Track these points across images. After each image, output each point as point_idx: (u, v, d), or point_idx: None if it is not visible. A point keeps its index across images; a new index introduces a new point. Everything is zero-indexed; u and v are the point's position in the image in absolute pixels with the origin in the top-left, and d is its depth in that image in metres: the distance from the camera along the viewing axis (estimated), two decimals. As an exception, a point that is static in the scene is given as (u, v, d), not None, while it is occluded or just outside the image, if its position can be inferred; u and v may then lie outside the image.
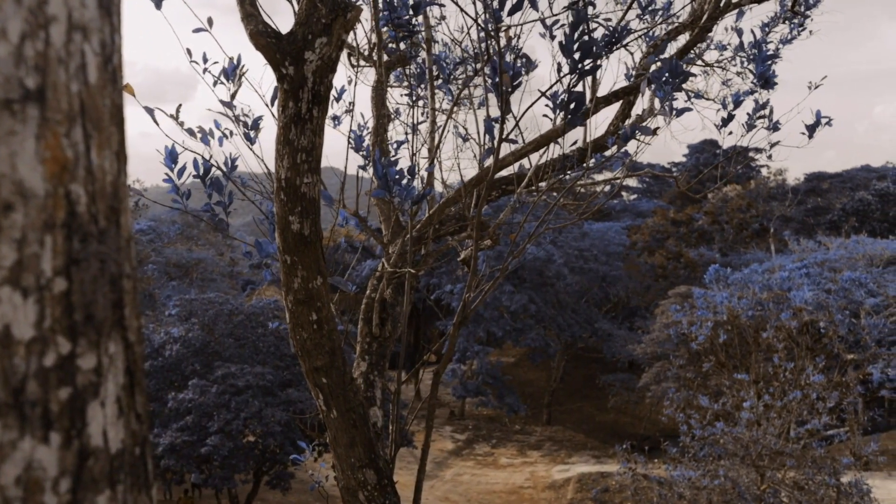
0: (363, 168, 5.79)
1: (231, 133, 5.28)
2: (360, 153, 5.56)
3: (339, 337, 4.07)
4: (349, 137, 5.08)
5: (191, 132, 4.94)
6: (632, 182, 75.49)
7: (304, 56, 3.38)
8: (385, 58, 6.15)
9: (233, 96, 5.05)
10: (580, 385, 53.69)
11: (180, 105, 4.97)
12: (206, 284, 51.44)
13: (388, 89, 6.30)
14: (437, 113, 6.29)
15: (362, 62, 6.79)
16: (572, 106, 3.86)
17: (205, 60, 5.43)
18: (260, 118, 5.36)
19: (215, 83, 5.37)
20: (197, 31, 5.07)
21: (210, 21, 5.05)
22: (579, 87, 3.96)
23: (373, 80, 6.09)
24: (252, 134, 5.12)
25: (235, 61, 5.03)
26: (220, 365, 26.98)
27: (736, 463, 18.46)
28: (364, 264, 46.92)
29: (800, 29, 6.50)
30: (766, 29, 6.39)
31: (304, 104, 3.43)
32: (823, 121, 4.84)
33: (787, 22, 6.57)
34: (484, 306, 44.50)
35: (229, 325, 29.82)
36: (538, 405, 49.78)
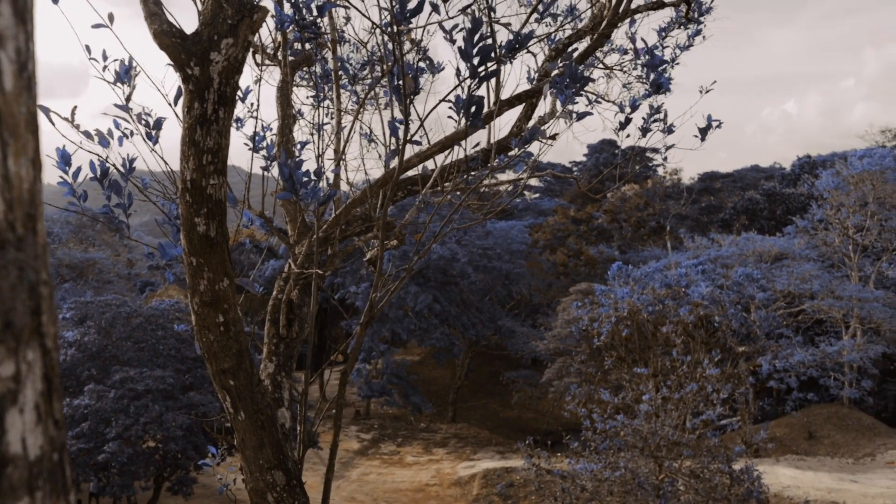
0: (266, 169, 5.73)
1: (131, 133, 5.15)
2: (262, 154, 5.51)
3: (247, 339, 4.05)
4: (252, 138, 5.03)
5: (88, 135, 4.80)
6: (534, 181, 76.64)
7: (209, 57, 3.34)
8: (290, 58, 6.11)
9: (128, 99, 4.91)
10: (484, 382, 54.22)
11: (76, 107, 4.81)
12: (103, 286, 49.80)
13: (294, 89, 6.27)
14: (342, 113, 6.28)
15: (267, 61, 6.73)
16: (473, 109, 3.93)
17: (104, 58, 5.26)
18: (162, 119, 5.23)
19: (115, 82, 5.23)
20: (97, 27, 4.92)
21: (111, 17, 4.91)
22: (481, 91, 4.04)
23: (278, 80, 6.04)
24: (154, 134, 5.00)
25: (128, 63, 4.90)
26: (118, 369, 26.20)
27: (635, 454, 18.96)
28: (267, 264, 46.26)
29: (695, 36, 6.75)
30: (663, 34, 6.61)
31: (209, 105, 3.40)
32: (714, 124, 5.06)
33: (683, 28, 6.82)
34: (389, 306, 44.44)
35: (127, 327, 28.98)
36: (443, 403, 50.06)
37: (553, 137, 4.37)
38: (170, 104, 4.91)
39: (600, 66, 7.31)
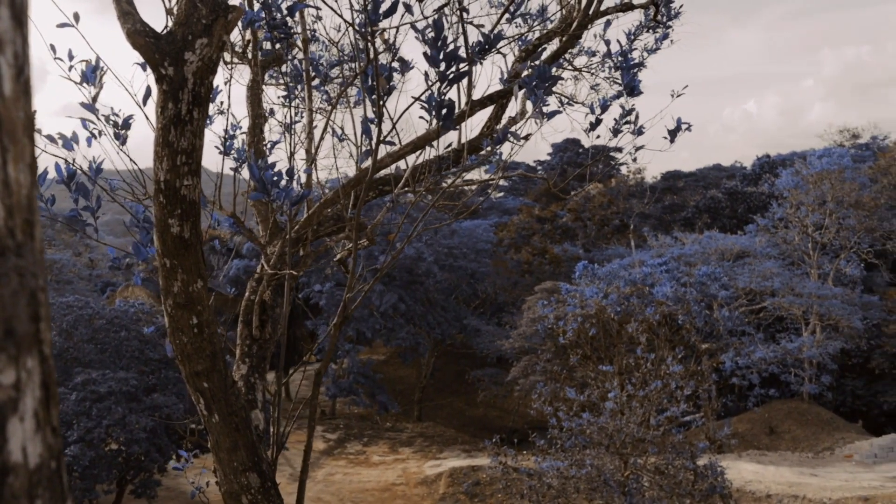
0: (235, 170, 5.68)
1: (99, 133, 5.07)
2: (232, 155, 5.47)
3: (220, 340, 4.01)
4: (224, 140, 4.99)
5: (51, 139, 4.72)
6: (500, 181, 76.69)
7: (183, 57, 3.31)
8: (260, 57, 6.06)
9: (94, 99, 4.84)
10: (450, 381, 54.25)
11: (35, 111, 4.73)
12: (63, 287, 49.08)
13: (264, 88, 6.22)
14: (313, 113, 6.24)
15: (236, 60, 6.67)
16: (444, 112, 3.93)
17: (70, 58, 5.18)
18: (130, 117, 5.16)
19: (81, 81, 5.15)
20: (62, 26, 4.85)
21: (76, 16, 4.85)
22: (453, 92, 4.04)
23: (248, 80, 6.00)
24: (122, 134, 4.93)
25: (94, 63, 4.83)
26: (80, 371, 25.86)
27: (601, 451, 19.09)
28: (231, 264, 45.91)
29: (663, 39, 6.82)
30: (632, 37, 6.67)
31: (184, 105, 3.36)
32: (683, 126, 5.12)
33: (650, 31, 6.88)
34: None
35: (89, 329, 28.59)
36: (409, 402, 49.99)
37: (526, 138, 4.39)
38: (138, 104, 4.85)
39: (569, 67, 7.36)
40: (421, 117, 4.43)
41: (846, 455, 35.70)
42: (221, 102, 5.59)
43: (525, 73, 5.60)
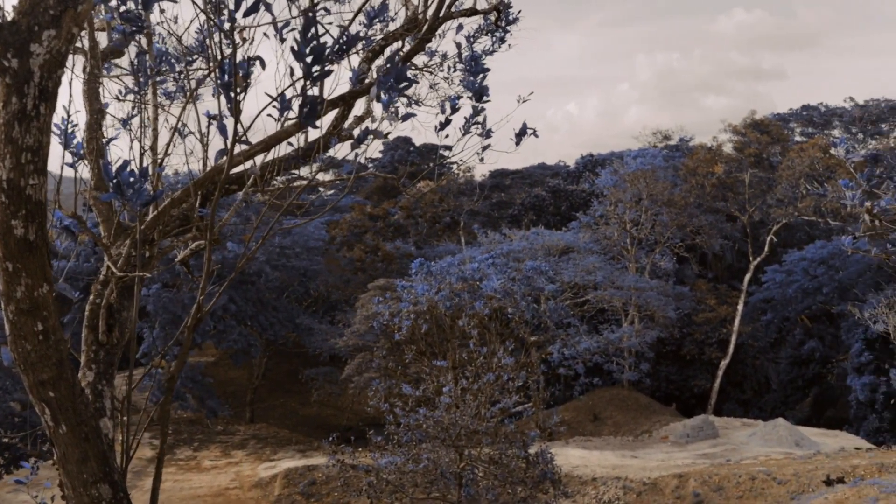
0: (72, 166, 5.41)
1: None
2: (70, 149, 5.21)
3: (67, 347, 3.82)
4: (63, 135, 4.74)
5: None
6: (329, 178, 76.12)
7: (29, 49, 3.14)
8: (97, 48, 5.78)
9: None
10: (283, 381, 53.52)
11: None
12: None
13: (103, 81, 5.94)
14: (157, 110, 6.03)
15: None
16: (306, 110, 3.92)
17: None
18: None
19: None
20: None
21: None
22: (314, 91, 4.03)
23: (84, 71, 5.71)
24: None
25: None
26: None
27: (437, 445, 19.41)
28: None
29: (500, 42, 7.09)
30: (472, 40, 6.88)
31: (29, 100, 3.18)
32: (529, 131, 5.34)
33: (489, 35, 7.13)
34: (182, 307, 42.81)
35: None
36: (241, 404, 48.88)
37: (386, 136, 4.45)
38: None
39: (412, 67, 7.48)
40: (269, 115, 4.38)
41: (662, 437, 38.12)
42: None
43: (375, 73, 5.65)
